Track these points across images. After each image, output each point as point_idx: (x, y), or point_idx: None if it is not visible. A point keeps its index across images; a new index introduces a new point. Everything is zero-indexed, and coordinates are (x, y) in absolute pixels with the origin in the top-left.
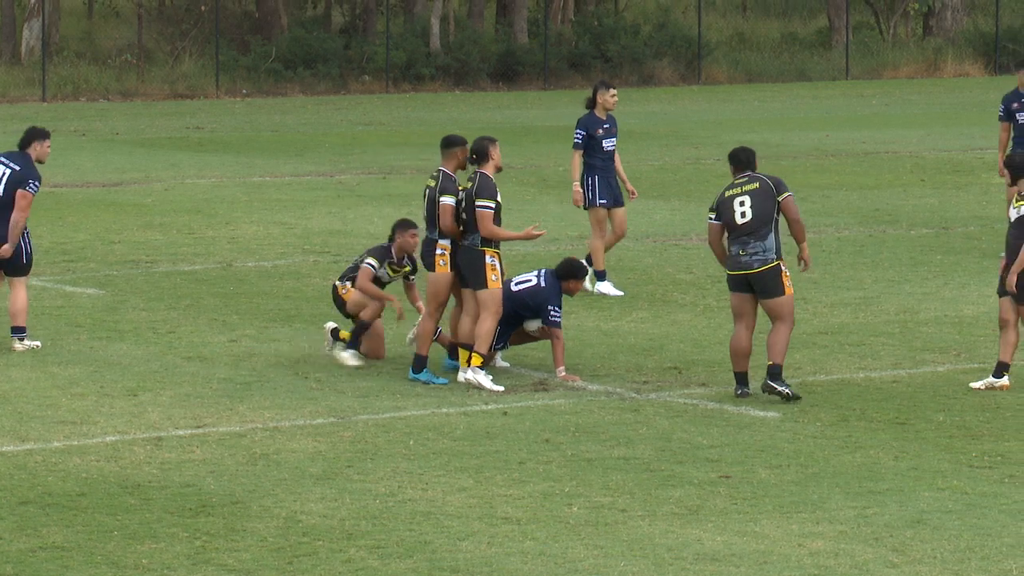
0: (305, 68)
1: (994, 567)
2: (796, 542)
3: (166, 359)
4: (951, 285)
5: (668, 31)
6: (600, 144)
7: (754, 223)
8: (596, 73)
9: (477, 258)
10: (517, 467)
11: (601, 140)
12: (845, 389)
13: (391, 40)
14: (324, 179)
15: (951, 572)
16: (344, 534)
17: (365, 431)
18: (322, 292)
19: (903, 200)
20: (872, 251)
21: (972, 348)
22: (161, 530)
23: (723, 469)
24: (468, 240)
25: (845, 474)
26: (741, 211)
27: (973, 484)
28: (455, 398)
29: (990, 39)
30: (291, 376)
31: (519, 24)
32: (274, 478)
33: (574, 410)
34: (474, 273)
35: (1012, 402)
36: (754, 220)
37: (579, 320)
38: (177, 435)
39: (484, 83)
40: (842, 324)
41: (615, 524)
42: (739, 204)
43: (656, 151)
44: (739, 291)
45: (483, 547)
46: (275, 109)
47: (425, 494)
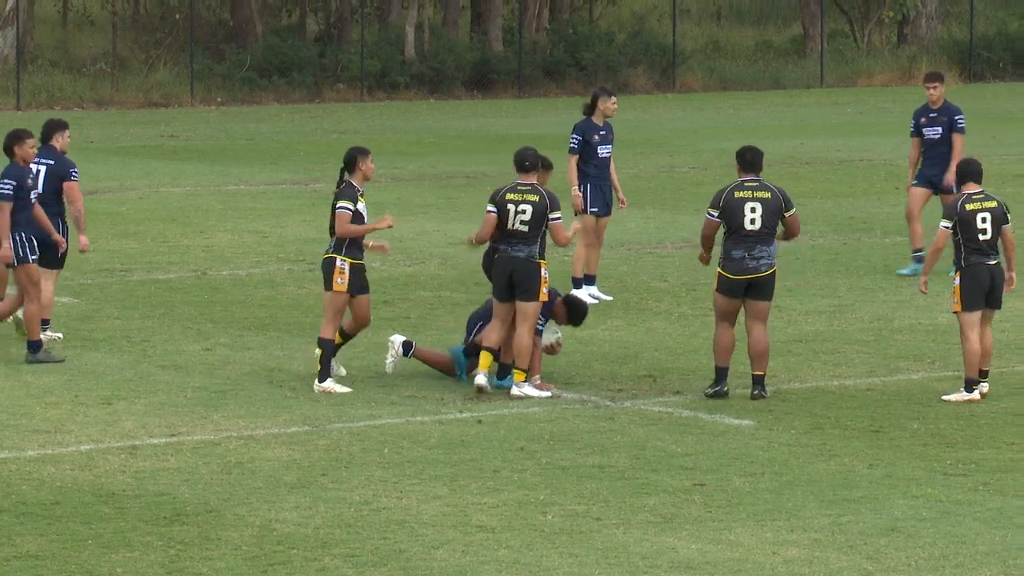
0: (280, 76)
1: (969, 575)
2: (770, 550)
3: (140, 368)
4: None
5: (643, 39)
6: (595, 150)
7: (763, 231)
8: (571, 81)
9: (534, 270)
10: (491, 475)
11: (597, 146)
12: (819, 397)
13: (366, 48)
14: (299, 187)
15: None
16: (318, 542)
17: (340, 439)
18: (297, 300)
19: (877, 208)
20: (846, 259)
21: (946, 356)
22: (135, 539)
23: (697, 477)
24: (525, 252)
25: (819, 482)
26: (751, 217)
27: (947, 492)
28: (429, 406)
29: (964, 47)
30: (266, 384)
31: (494, 32)
32: (248, 487)
33: (549, 418)
34: (529, 283)
35: (986, 410)
36: (763, 228)
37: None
38: (151, 444)
39: (459, 91)
40: (816, 332)
41: (590, 532)
42: (750, 210)
43: (630, 159)
44: (733, 296)
45: (457, 555)
46: (250, 117)
47: (399, 502)
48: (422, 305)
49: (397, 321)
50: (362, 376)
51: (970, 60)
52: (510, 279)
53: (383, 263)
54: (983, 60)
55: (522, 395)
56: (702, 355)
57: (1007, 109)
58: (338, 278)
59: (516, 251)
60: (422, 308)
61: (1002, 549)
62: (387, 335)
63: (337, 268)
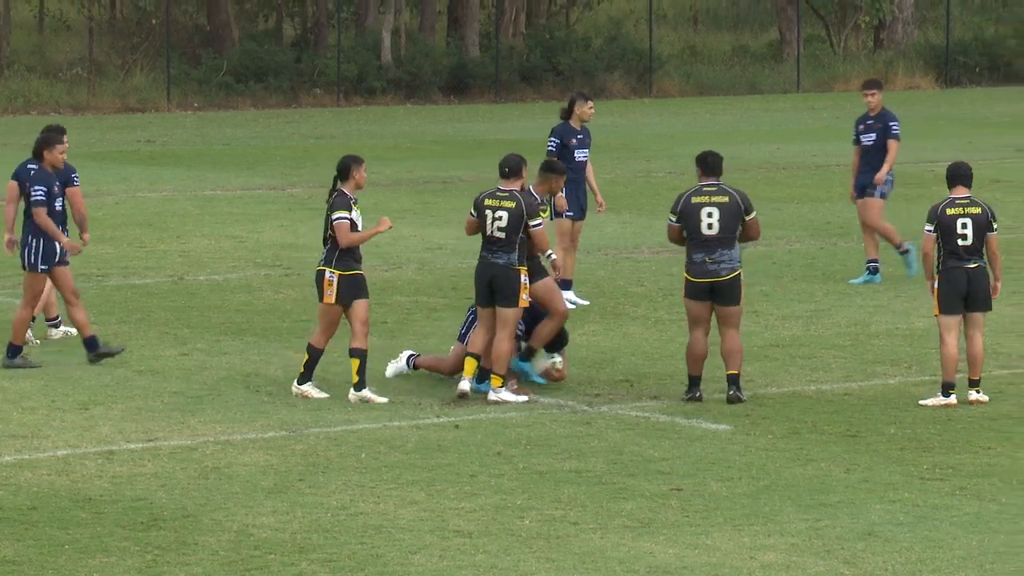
0: (256, 81)
1: None
2: (748, 555)
3: (117, 373)
4: (902, 298)
5: (619, 44)
6: (572, 154)
7: (720, 234)
8: (547, 86)
9: (513, 276)
10: (469, 480)
11: (573, 150)
12: (796, 402)
13: (342, 53)
14: (275, 193)
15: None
16: (296, 547)
17: (317, 444)
18: (274, 305)
19: (854, 213)
20: (823, 264)
21: (923, 361)
22: (112, 544)
23: (675, 482)
24: (504, 259)
25: (796, 487)
26: (708, 222)
27: (924, 496)
28: (407, 411)
29: (941, 52)
30: (242, 390)
31: (470, 37)
32: (225, 492)
33: (526, 423)
34: (507, 290)
35: (963, 415)
36: (720, 232)
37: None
38: (128, 449)
39: (435, 96)
40: (793, 337)
41: (567, 537)
42: (707, 214)
43: (607, 164)
44: (700, 299)
45: (435, 560)
46: (226, 122)
47: (377, 507)
48: (399, 310)
49: (374, 326)
50: (339, 381)
51: (946, 65)
52: (490, 285)
53: None
54: (959, 65)
55: (499, 400)
56: (679, 360)
57: (983, 114)
58: (327, 290)
59: (495, 258)
60: (399, 313)
61: (979, 553)
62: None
63: (327, 280)
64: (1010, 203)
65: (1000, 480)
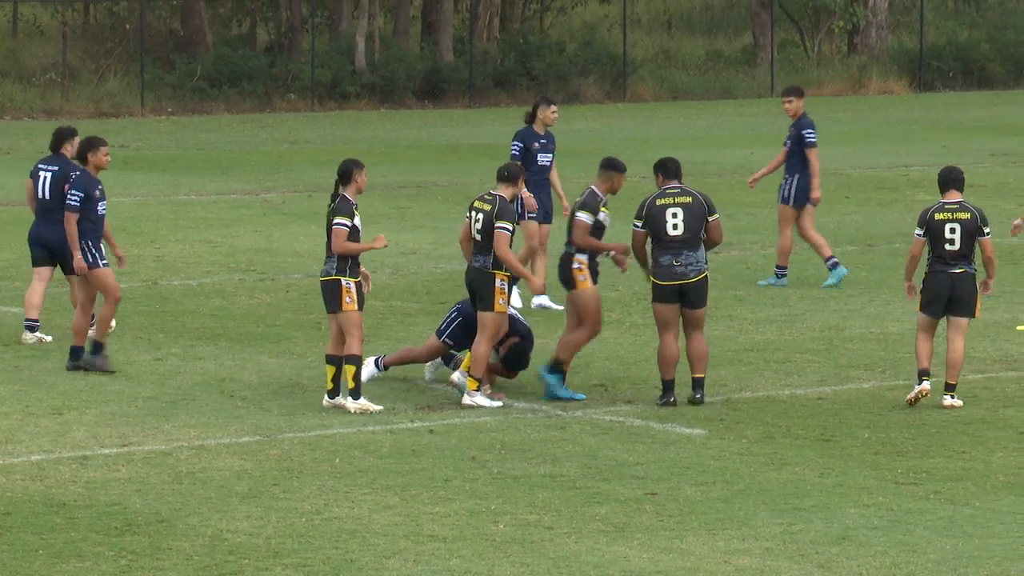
0: (230, 86)
1: None
2: (722, 559)
3: (91, 378)
4: (876, 302)
5: (593, 49)
6: (535, 158)
7: (685, 235)
8: (521, 91)
9: (488, 280)
10: (443, 485)
11: (536, 154)
12: (770, 406)
13: (316, 58)
14: (250, 197)
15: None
16: (270, 552)
17: (291, 449)
18: (248, 310)
19: (828, 217)
20: (797, 268)
21: (897, 365)
22: (87, 549)
23: (649, 486)
24: (481, 261)
25: (771, 491)
26: (673, 223)
27: (898, 500)
28: (381, 416)
29: (914, 57)
30: (217, 394)
31: (444, 42)
32: (200, 496)
33: (500, 427)
34: (483, 293)
35: (937, 419)
36: (686, 233)
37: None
38: (102, 454)
39: (409, 101)
40: (767, 341)
41: (541, 541)
42: (671, 215)
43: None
44: (669, 302)
45: (409, 565)
46: (200, 127)
47: (351, 512)
48: (373, 315)
49: None
50: (313, 386)
51: (920, 70)
52: (471, 289)
53: None
54: (933, 70)
55: (474, 404)
56: (653, 365)
57: (957, 119)
58: (346, 298)
59: (475, 260)
60: (373, 318)
61: (953, 557)
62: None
63: (344, 289)
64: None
65: (974, 484)
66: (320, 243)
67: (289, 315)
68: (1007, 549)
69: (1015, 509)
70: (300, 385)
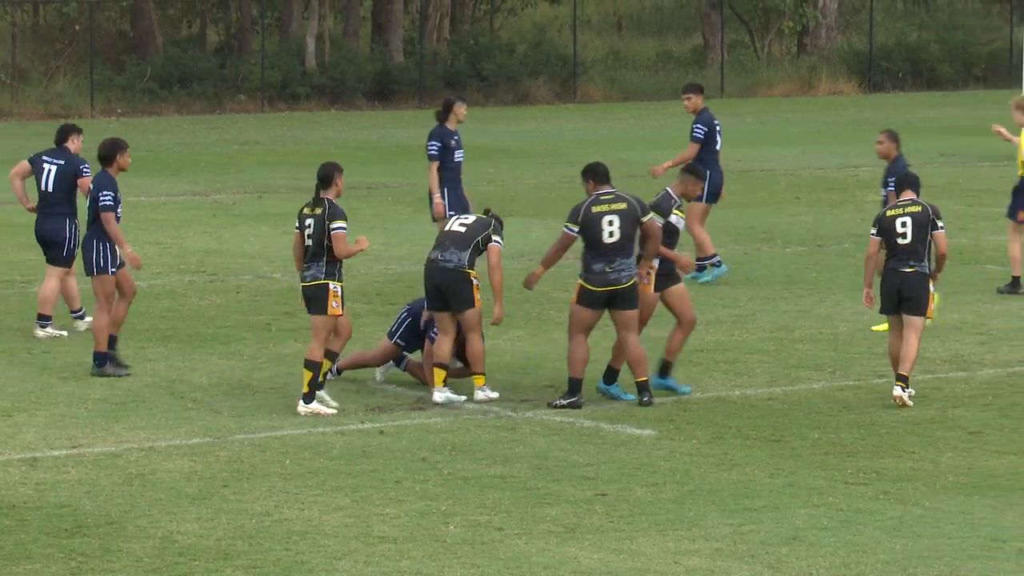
0: (180, 87)
1: None
2: (672, 559)
3: (41, 379)
4: (826, 303)
5: (543, 50)
6: (452, 155)
7: (620, 242)
8: (472, 92)
9: (466, 279)
10: (394, 486)
11: (453, 151)
12: (721, 407)
13: (266, 59)
14: (200, 199)
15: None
16: (220, 554)
17: (241, 451)
18: (198, 311)
19: (778, 218)
20: (747, 269)
21: (847, 365)
22: (36, 551)
23: (599, 487)
24: (454, 261)
25: (721, 491)
26: (609, 230)
27: (848, 501)
28: (331, 418)
29: (864, 57)
30: (167, 396)
31: (395, 43)
32: (150, 498)
33: (451, 428)
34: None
35: (886, 419)
36: (620, 239)
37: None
38: (52, 456)
39: (360, 102)
40: (718, 342)
41: (492, 543)
42: (608, 223)
43: (532, 169)
44: (594, 307)
45: (360, 566)
46: (150, 128)
47: (301, 513)
48: None
49: (299, 332)
50: (264, 387)
51: (870, 71)
52: (439, 289)
53: (284, 274)
54: (883, 70)
55: (487, 398)
56: (603, 365)
57: (907, 119)
58: (333, 302)
59: (446, 261)
60: None
61: (903, 557)
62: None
63: (332, 293)
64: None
65: (923, 484)
66: (271, 244)
67: (239, 316)
68: (956, 549)
69: (964, 509)
70: (250, 386)
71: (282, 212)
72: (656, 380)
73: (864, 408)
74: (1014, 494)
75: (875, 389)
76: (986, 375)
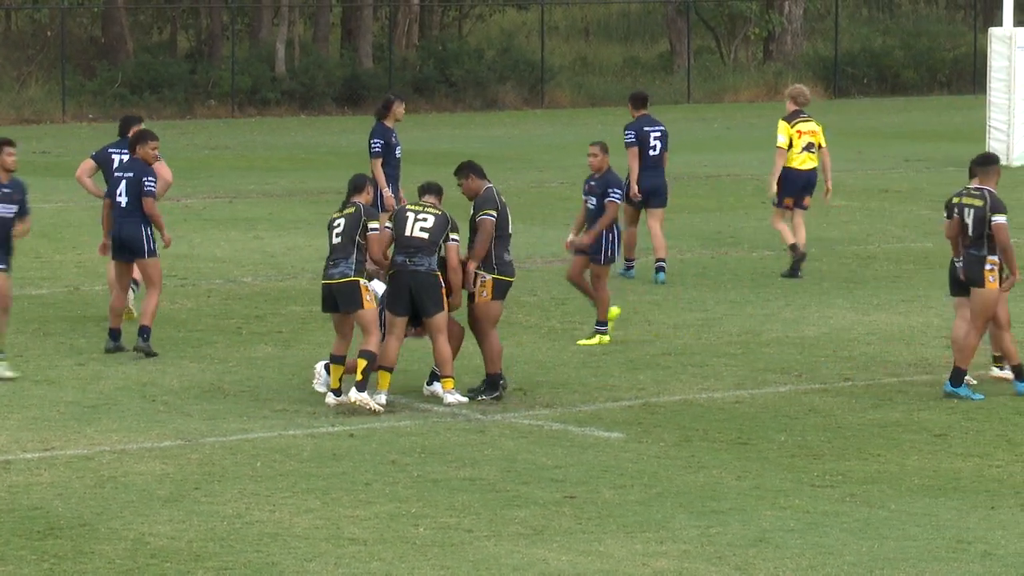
0: (151, 93)
1: None
2: (640, 561)
3: (13, 382)
4: (792, 306)
5: (511, 55)
6: (394, 151)
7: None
8: (440, 97)
9: (435, 282)
10: (363, 488)
11: (395, 147)
12: (688, 409)
13: (236, 65)
14: (170, 203)
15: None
16: (192, 556)
17: (212, 453)
18: (169, 315)
19: (745, 222)
20: (714, 273)
21: (813, 369)
22: (9, 553)
23: (567, 489)
24: (425, 265)
25: (688, 494)
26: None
27: (814, 503)
28: (302, 420)
29: (829, 63)
30: (138, 399)
31: (364, 49)
32: (122, 500)
33: (420, 431)
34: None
35: (852, 422)
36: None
37: (424, 341)
38: (25, 458)
39: (329, 107)
40: (685, 345)
41: (461, 544)
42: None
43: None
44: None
45: (330, 568)
46: None
47: (272, 516)
48: (294, 320)
49: (269, 336)
50: (234, 390)
51: (835, 76)
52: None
53: (255, 278)
54: (848, 76)
55: (455, 402)
56: (571, 368)
57: (872, 125)
58: (366, 296)
59: (415, 264)
60: (294, 323)
61: (869, 559)
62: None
63: (363, 286)
64: (898, 212)
65: (889, 487)
66: (241, 249)
67: (210, 320)
68: (921, 551)
69: (929, 511)
70: (221, 390)
71: (252, 217)
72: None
73: (830, 411)
74: (978, 496)
75: (841, 392)
76: None
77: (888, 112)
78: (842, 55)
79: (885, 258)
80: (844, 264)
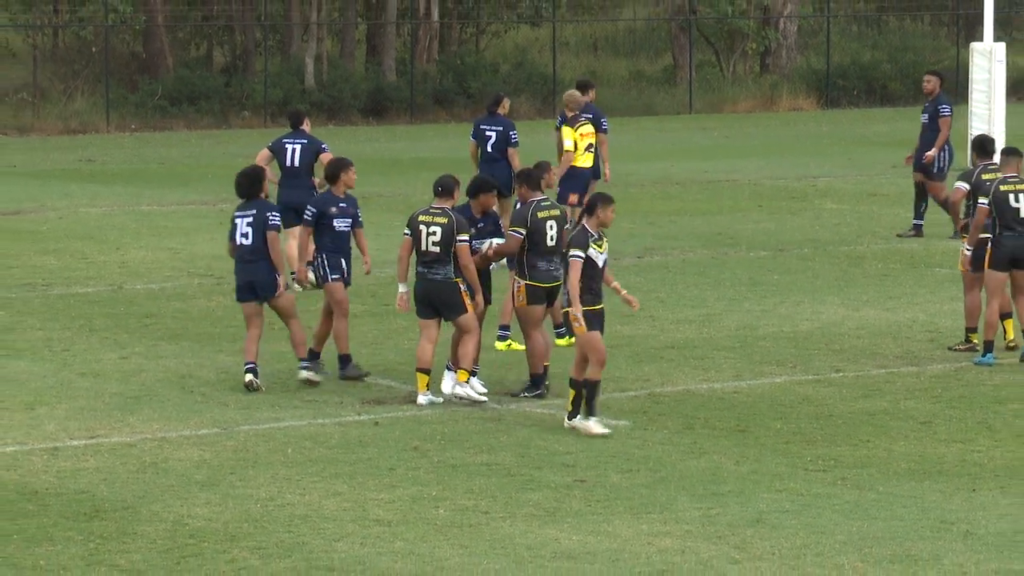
0: (189, 105)
1: (828, 562)
2: (646, 540)
3: (61, 375)
4: (787, 303)
5: (525, 69)
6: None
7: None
8: (459, 108)
9: (454, 289)
10: (388, 473)
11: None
12: (690, 399)
13: (269, 78)
14: (207, 207)
15: (788, 567)
16: (227, 536)
17: (247, 440)
18: (207, 312)
19: (742, 224)
20: (714, 272)
21: (807, 361)
22: (57, 534)
23: (578, 473)
24: (442, 274)
25: (691, 478)
26: (551, 235)
27: (808, 486)
28: (330, 410)
29: (822, 76)
30: (178, 390)
31: (387, 63)
32: (162, 484)
33: (441, 420)
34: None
35: (844, 410)
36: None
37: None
38: (72, 445)
39: (355, 118)
40: (687, 339)
41: (478, 525)
42: (550, 227)
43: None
44: (543, 303)
45: (356, 547)
46: (161, 143)
47: (303, 499)
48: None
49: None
50: (266, 382)
51: (827, 88)
52: (429, 300)
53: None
54: (839, 88)
55: (465, 395)
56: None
57: (861, 133)
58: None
59: (432, 273)
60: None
61: (859, 538)
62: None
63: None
64: (885, 215)
65: (877, 471)
66: None
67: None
68: (908, 531)
69: (915, 494)
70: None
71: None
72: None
73: (823, 400)
74: (961, 479)
75: (833, 383)
76: (935, 370)
77: (876, 121)
78: (834, 68)
79: (874, 258)
80: (835, 263)
